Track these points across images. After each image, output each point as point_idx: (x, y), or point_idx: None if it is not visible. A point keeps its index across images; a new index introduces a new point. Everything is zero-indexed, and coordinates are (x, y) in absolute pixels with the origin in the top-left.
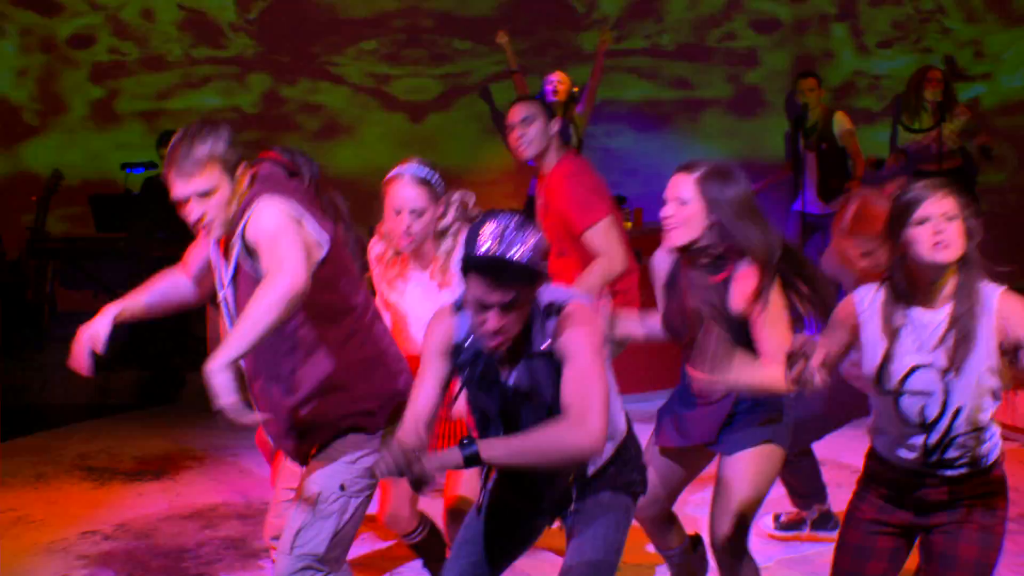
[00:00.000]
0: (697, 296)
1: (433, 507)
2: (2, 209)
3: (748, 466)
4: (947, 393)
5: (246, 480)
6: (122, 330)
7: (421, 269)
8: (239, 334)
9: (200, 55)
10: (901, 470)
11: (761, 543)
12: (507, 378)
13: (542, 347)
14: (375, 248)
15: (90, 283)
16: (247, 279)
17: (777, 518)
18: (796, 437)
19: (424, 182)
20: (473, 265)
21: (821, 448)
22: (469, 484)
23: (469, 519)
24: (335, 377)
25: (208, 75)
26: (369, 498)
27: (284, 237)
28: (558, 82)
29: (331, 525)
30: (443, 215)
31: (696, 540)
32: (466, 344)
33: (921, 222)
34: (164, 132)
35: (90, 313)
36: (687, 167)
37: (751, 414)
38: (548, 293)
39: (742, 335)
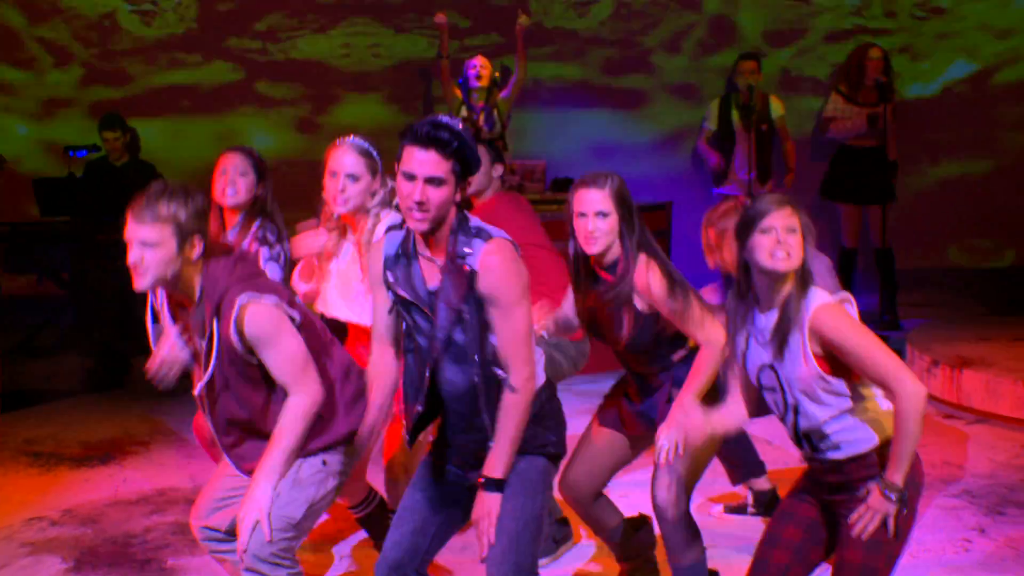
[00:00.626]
0: (603, 296)
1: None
2: None
3: None
4: (783, 391)
5: (193, 465)
6: (67, 317)
7: (348, 240)
8: (279, 458)
9: None
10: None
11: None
12: (429, 285)
13: (467, 263)
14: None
15: (34, 268)
16: (233, 359)
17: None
18: None
19: (364, 152)
20: (411, 136)
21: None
22: (405, 448)
23: (410, 487)
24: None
25: None
26: (341, 485)
27: (288, 342)
28: (480, 67)
29: (309, 494)
30: (375, 192)
31: (638, 522)
32: (388, 255)
33: (765, 231)
34: (106, 115)
35: (34, 298)
36: (594, 182)
37: None
38: (477, 221)
39: (648, 327)
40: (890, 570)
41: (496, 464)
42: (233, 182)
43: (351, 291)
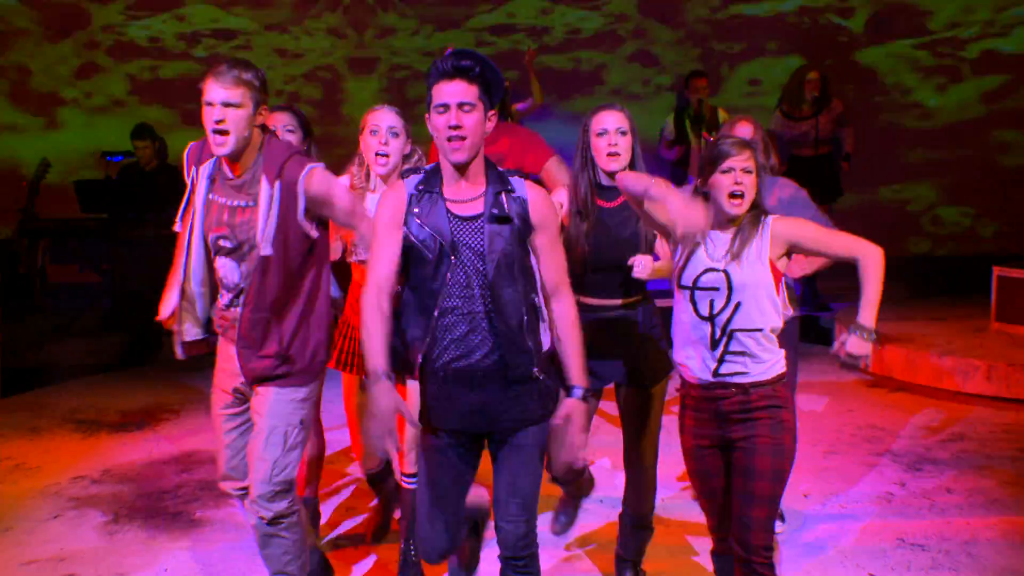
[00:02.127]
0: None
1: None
2: None
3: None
4: (730, 290)
5: None
6: (105, 301)
7: (374, 196)
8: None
9: None
10: (701, 386)
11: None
12: (469, 210)
13: (519, 192)
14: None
15: (76, 258)
16: (286, 223)
17: None
18: None
19: (399, 112)
20: (441, 70)
21: None
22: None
23: (431, 475)
24: (313, 320)
25: None
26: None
27: (345, 195)
28: None
29: (297, 455)
30: (407, 155)
31: None
32: (412, 193)
33: (725, 171)
34: (137, 126)
35: (77, 285)
36: (612, 105)
37: None
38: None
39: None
40: (791, 469)
41: (578, 374)
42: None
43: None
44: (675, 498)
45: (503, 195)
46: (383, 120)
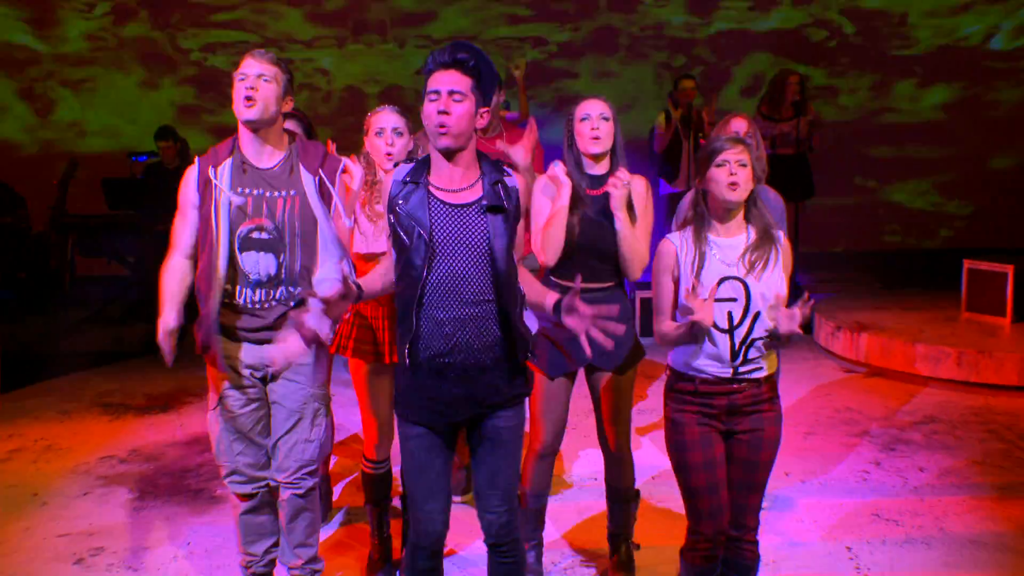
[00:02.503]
0: (595, 204)
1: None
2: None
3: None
4: (748, 299)
5: None
6: (131, 292)
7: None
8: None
9: None
10: (711, 381)
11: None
12: (463, 198)
13: (511, 183)
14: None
15: (103, 252)
16: (311, 208)
17: None
18: None
19: (402, 113)
20: (438, 60)
21: None
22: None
23: (418, 463)
24: None
25: None
26: None
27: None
28: None
29: (320, 434)
30: (413, 151)
31: None
32: (397, 180)
33: (720, 165)
34: (160, 127)
35: (104, 277)
36: (595, 95)
37: None
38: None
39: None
40: None
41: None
42: None
43: (375, 230)
44: (663, 475)
45: (499, 185)
46: (387, 121)
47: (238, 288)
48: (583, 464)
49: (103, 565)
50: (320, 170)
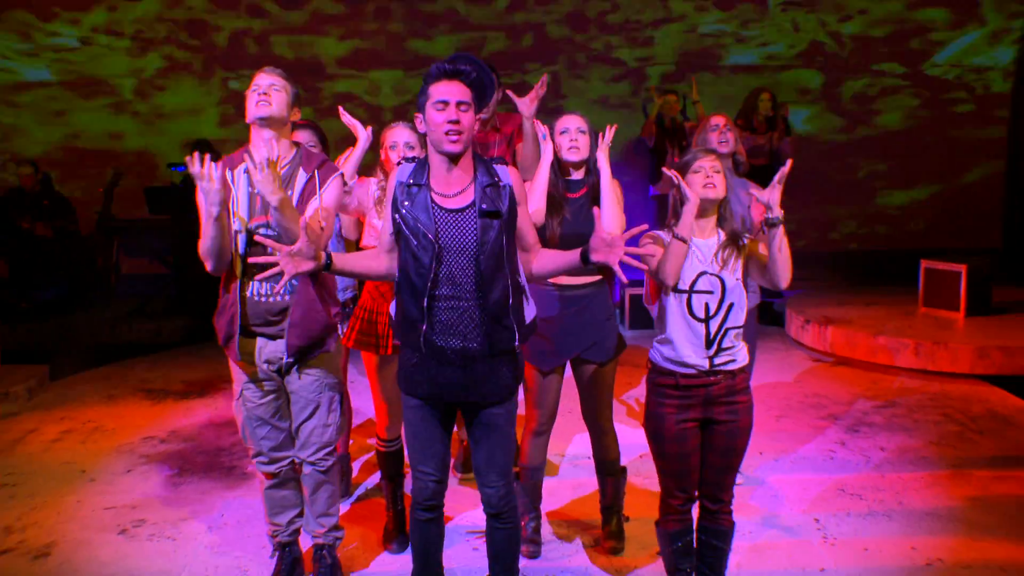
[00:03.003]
0: (568, 210)
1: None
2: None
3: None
4: (724, 292)
5: None
6: (171, 288)
7: None
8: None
9: None
10: (690, 375)
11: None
12: (458, 203)
13: (503, 181)
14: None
15: (145, 253)
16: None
17: None
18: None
19: (414, 128)
20: (442, 70)
21: None
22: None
23: (421, 429)
24: (328, 297)
25: None
26: None
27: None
28: None
29: (336, 419)
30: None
31: None
32: (402, 181)
33: (696, 171)
34: (197, 141)
35: (146, 275)
36: (574, 112)
37: None
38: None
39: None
40: None
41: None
42: None
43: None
44: (649, 456)
45: (490, 188)
46: (400, 136)
47: (249, 282)
48: (576, 445)
49: (145, 535)
50: (316, 171)
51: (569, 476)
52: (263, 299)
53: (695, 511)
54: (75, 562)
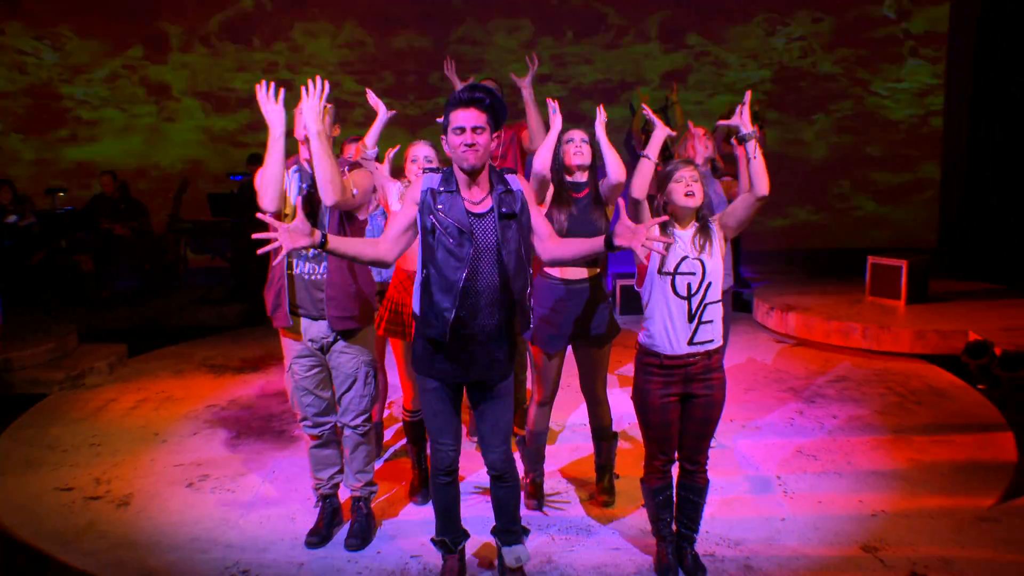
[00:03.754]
0: (572, 208)
1: None
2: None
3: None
4: (704, 273)
5: None
6: (229, 280)
7: None
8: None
9: None
10: (676, 356)
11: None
12: (481, 208)
13: (514, 188)
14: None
15: (208, 250)
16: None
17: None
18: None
19: (433, 144)
20: (458, 99)
21: None
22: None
23: (435, 404)
24: (363, 280)
25: None
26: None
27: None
28: None
29: (371, 390)
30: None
31: None
32: (432, 188)
33: (678, 181)
34: (251, 154)
35: (208, 268)
36: (577, 126)
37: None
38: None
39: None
40: None
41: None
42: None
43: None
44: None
45: (506, 195)
46: (420, 152)
47: (295, 261)
48: (576, 415)
49: (208, 488)
50: (346, 168)
51: (568, 441)
52: (307, 276)
53: (675, 471)
54: (150, 510)
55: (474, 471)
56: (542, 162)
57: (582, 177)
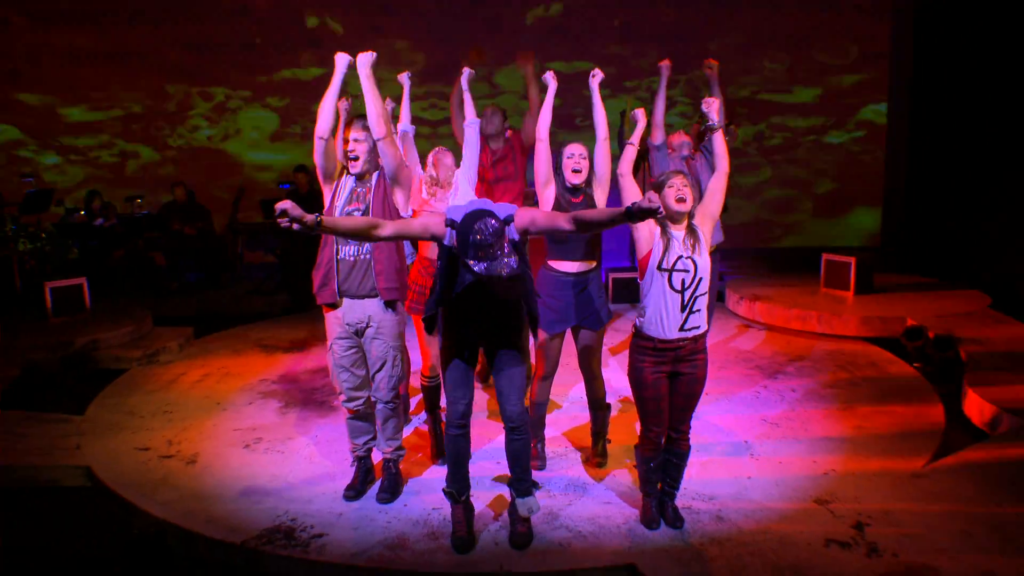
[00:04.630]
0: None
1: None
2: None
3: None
4: (695, 269)
5: None
6: (278, 273)
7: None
8: None
9: None
10: (668, 341)
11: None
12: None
13: (516, 237)
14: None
15: (261, 247)
16: (380, 200)
17: None
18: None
19: (451, 152)
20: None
21: None
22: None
23: (451, 367)
24: (400, 263)
25: None
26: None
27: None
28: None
29: (399, 371)
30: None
31: None
32: (450, 242)
33: (670, 187)
34: (298, 165)
35: (261, 264)
36: (578, 141)
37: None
38: (503, 209)
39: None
40: None
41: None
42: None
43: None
44: (630, 398)
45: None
46: (444, 157)
47: (340, 246)
48: (575, 391)
49: (262, 449)
50: (377, 171)
51: (567, 412)
52: (351, 258)
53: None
54: (214, 467)
55: (484, 442)
56: (543, 127)
57: (578, 180)
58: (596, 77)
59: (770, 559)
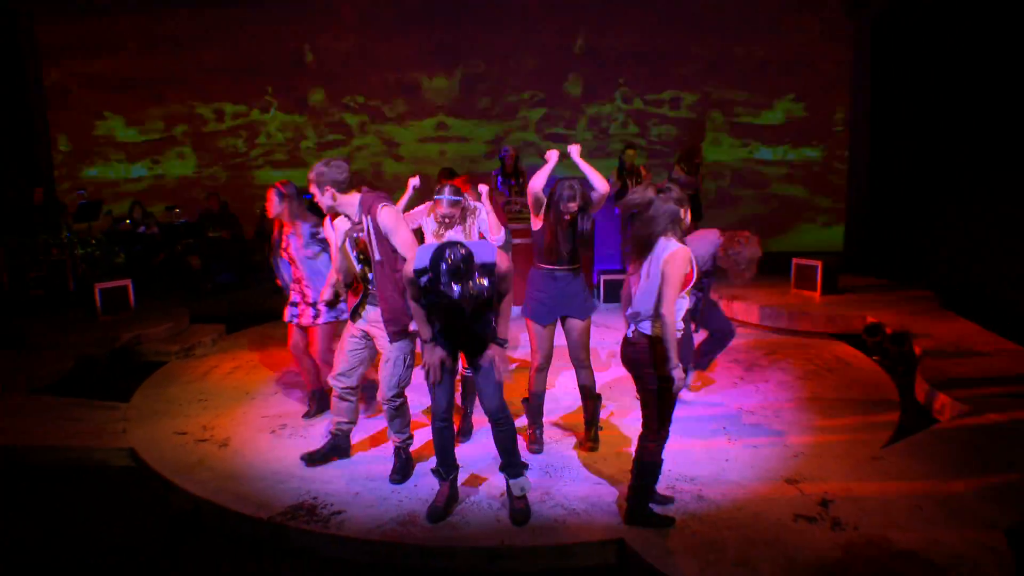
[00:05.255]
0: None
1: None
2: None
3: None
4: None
5: None
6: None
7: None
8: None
9: None
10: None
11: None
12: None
13: (497, 270)
14: (430, 222)
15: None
16: (382, 242)
17: None
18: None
19: (456, 191)
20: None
21: None
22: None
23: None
24: (401, 293)
25: None
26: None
27: (404, 231)
28: (508, 155)
29: (400, 371)
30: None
31: None
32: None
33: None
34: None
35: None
36: (573, 177)
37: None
38: (485, 253)
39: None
40: None
41: (504, 330)
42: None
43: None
44: (618, 384)
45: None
46: (447, 192)
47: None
48: (567, 383)
49: (287, 434)
50: (367, 215)
51: (563, 401)
52: (372, 287)
53: (635, 436)
54: (244, 451)
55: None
56: (538, 184)
57: (570, 212)
58: (574, 150)
59: (745, 533)
